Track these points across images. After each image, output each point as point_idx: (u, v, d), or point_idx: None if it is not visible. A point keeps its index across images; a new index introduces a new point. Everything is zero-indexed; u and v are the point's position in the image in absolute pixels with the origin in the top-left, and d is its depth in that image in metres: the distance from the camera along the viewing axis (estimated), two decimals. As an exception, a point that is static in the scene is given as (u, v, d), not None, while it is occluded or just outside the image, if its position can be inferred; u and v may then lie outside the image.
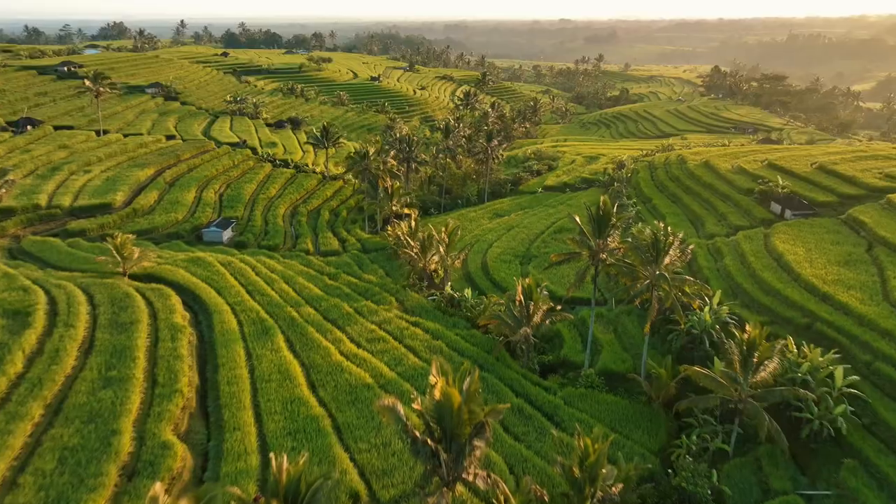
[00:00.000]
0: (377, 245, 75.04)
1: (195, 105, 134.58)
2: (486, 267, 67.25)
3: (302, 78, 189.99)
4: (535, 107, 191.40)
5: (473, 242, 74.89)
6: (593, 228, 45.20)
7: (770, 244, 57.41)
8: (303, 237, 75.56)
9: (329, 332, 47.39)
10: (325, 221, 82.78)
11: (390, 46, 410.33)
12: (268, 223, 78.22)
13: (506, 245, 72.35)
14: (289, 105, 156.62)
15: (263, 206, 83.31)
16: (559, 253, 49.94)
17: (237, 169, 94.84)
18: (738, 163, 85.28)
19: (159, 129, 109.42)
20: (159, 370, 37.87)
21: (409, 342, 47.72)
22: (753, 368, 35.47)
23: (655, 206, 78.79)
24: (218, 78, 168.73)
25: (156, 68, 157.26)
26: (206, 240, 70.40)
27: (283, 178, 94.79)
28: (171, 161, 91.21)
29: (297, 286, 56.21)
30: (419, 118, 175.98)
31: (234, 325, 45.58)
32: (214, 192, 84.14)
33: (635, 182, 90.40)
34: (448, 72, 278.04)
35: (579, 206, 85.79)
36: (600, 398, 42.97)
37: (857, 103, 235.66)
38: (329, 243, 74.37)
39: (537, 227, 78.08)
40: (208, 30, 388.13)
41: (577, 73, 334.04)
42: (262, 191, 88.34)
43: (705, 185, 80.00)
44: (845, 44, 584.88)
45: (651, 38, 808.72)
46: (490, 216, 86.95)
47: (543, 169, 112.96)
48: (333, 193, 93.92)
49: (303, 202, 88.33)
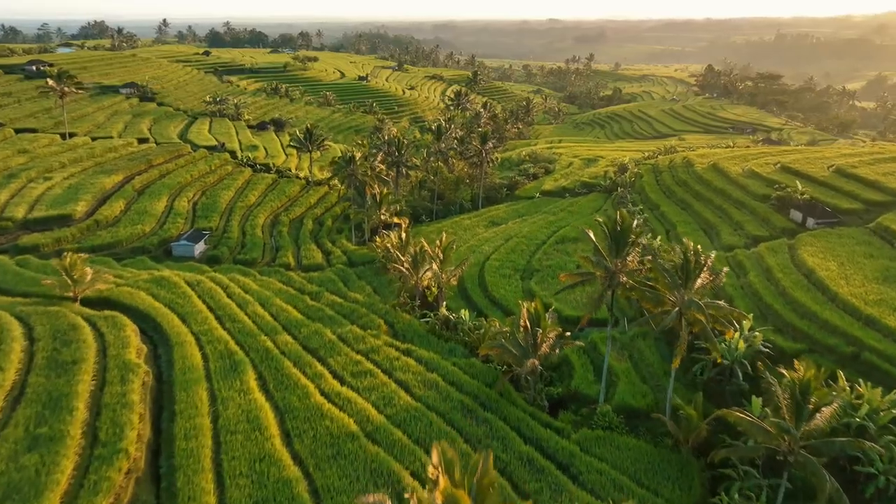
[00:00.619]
0: (364, 257, 69.06)
1: (172, 106, 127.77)
2: (483, 282, 61.51)
3: (287, 77, 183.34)
4: (527, 107, 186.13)
5: (469, 254, 69.06)
6: (609, 245, 39.57)
7: (797, 258, 52.14)
8: (283, 250, 69.38)
9: (308, 365, 41.38)
10: (309, 231, 76.60)
11: (379, 46, 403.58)
12: (245, 234, 71.97)
13: (504, 257, 66.62)
14: (272, 106, 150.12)
15: (241, 216, 77.02)
16: (570, 273, 44.16)
17: (214, 174, 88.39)
18: (748, 166, 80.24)
19: (132, 131, 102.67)
20: (102, 423, 31.71)
21: (401, 375, 41.82)
22: (808, 416, 29.99)
23: (664, 214, 73.42)
24: (198, 78, 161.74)
25: (132, 68, 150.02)
26: (176, 254, 64.07)
27: (263, 184, 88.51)
28: (141, 166, 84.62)
29: (275, 309, 50.12)
30: (409, 119, 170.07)
31: (197, 360, 39.45)
32: (188, 201, 77.74)
33: (640, 187, 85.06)
34: (438, 71, 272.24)
35: (582, 214, 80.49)
36: (621, 442, 37.32)
37: (852, 102, 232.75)
38: (312, 256, 68.26)
39: (537, 236, 72.45)
40: (192, 29, 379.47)
41: (569, 73, 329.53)
42: (240, 198, 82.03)
43: (716, 191, 74.77)
44: (833, 43, 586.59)
45: (640, 37, 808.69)
46: (486, 224, 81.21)
47: (540, 172, 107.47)
48: (318, 200, 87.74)
49: (284, 210, 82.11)
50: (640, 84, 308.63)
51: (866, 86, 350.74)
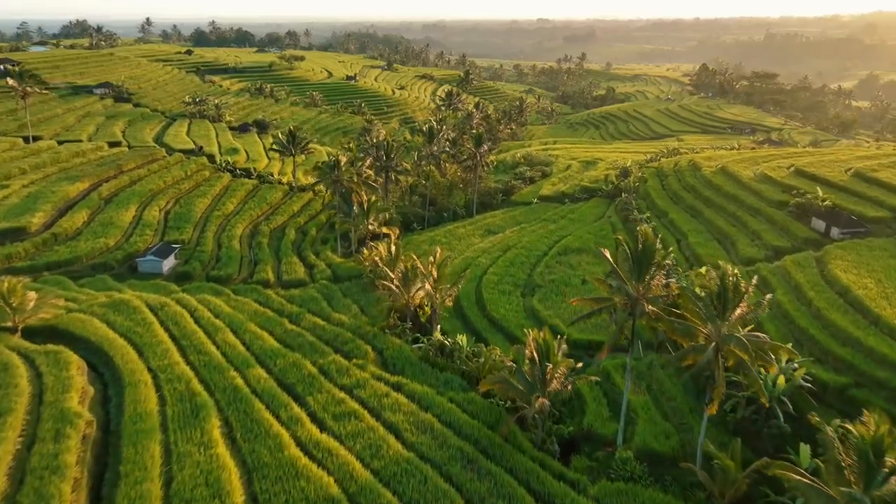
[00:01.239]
0: (351, 271, 63.50)
1: (150, 107, 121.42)
2: (481, 299, 56.16)
3: (272, 77, 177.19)
4: (521, 107, 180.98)
5: (465, 266, 63.73)
6: (631, 268, 34.36)
7: (828, 273, 47.23)
8: (262, 264, 63.64)
9: (284, 406, 35.82)
10: (291, 242, 70.88)
11: (368, 45, 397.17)
12: (221, 247, 66.13)
13: (503, 270, 61.32)
14: (256, 106, 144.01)
15: (217, 226, 71.17)
16: (582, 298, 38.87)
17: (189, 181, 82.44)
18: (760, 169, 75.52)
19: (103, 134, 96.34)
20: (23, 497, 26.00)
21: (390, 416, 36.38)
22: (881, 481, 24.88)
23: (673, 222, 68.44)
24: (178, 77, 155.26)
25: (108, 67, 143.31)
26: (142, 271, 58.17)
27: (243, 191, 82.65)
28: (110, 172, 78.53)
29: (248, 336, 44.48)
30: (398, 119, 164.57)
31: (152, 405, 33.78)
32: (159, 210, 71.79)
33: (644, 192, 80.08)
34: (428, 71, 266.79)
35: (584, 221, 75.40)
36: (646, 497, 32.04)
37: (849, 102, 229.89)
38: (293, 271, 62.56)
39: (538, 247, 67.19)
40: (177, 28, 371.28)
41: (561, 73, 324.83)
42: (216, 206, 76.15)
43: (728, 197, 69.91)
44: (822, 43, 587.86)
45: (629, 37, 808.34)
46: (482, 233, 75.87)
47: (536, 176, 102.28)
48: (301, 208, 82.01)
49: (265, 219, 76.33)
50: (633, 84, 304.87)
51: (858, 85, 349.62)
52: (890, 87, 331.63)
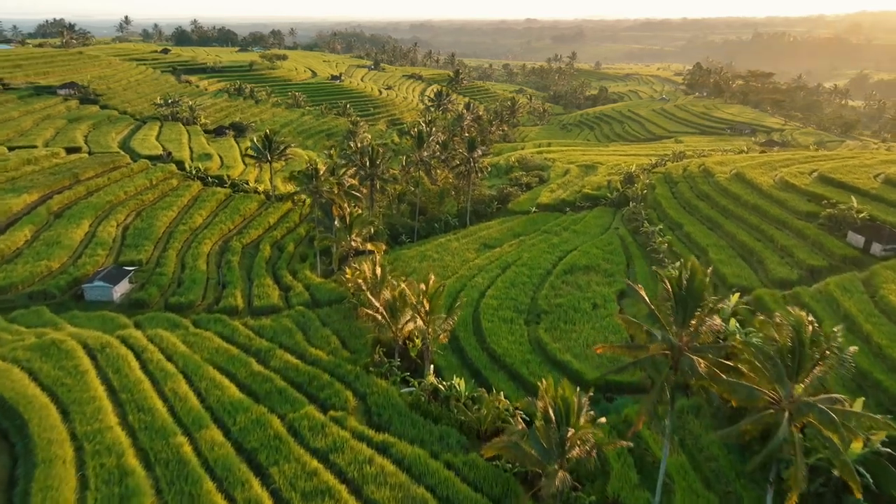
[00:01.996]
0: (331, 294, 56.32)
1: (118, 109, 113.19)
2: (479, 328, 49.21)
3: (252, 77, 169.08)
4: (512, 107, 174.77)
5: (460, 288, 56.79)
6: (675, 310, 27.62)
7: (883, 300, 40.85)
8: (231, 287, 56.23)
9: (241, 485, 28.73)
10: (265, 260, 63.50)
11: (354, 45, 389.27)
12: (185, 268, 58.62)
13: (503, 293, 54.41)
14: (235, 108, 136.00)
15: (182, 242, 63.64)
16: (611, 346, 31.90)
17: (154, 190, 74.79)
18: (780, 175, 69.39)
19: (62, 139, 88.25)
20: None
21: (373, 492, 29.47)
22: None
23: (689, 235, 61.90)
24: (153, 77, 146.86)
25: (76, 66, 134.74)
26: (90, 299, 50.59)
27: (214, 201, 75.12)
28: (65, 182, 70.74)
29: (205, 385, 37.25)
30: (385, 121, 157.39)
31: (68, 492, 26.50)
32: (117, 225, 64.17)
33: (653, 200, 73.59)
34: (416, 70, 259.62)
35: (589, 234, 68.71)
36: None
37: (845, 102, 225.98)
38: (266, 295, 55.23)
39: (540, 263, 60.39)
40: (158, 27, 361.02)
41: (551, 72, 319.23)
42: (183, 219, 68.62)
43: (748, 207, 63.55)
44: (809, 42, 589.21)
45: (617, 37, 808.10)
46: (477, 246, 68.93)
47: (533, 182, 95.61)
48: (278, 220, 74.60)
49: (237, 234, 68.86)
50: (625, 83, 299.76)
51: (849, 84, 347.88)
52: (880, 86, 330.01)
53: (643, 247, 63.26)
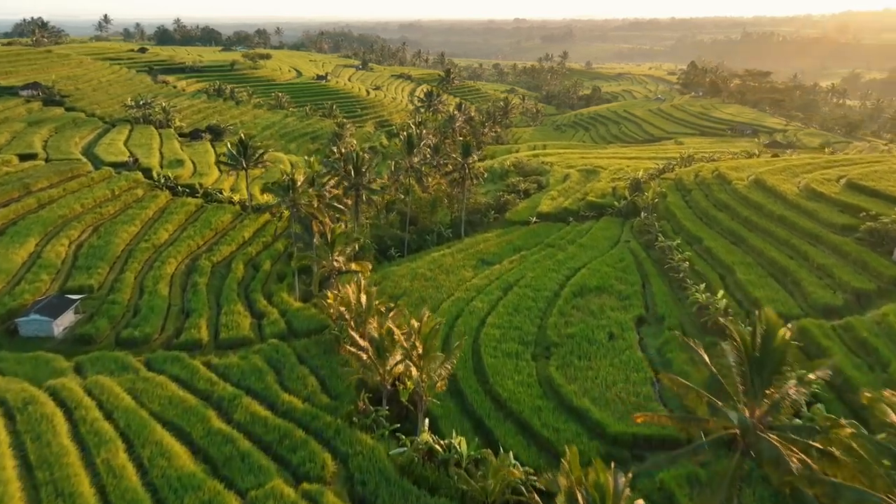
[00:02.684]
0: (311, 322, 49.58)
1: (86, 111, 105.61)
2: (480, 364, 42.64)
3: (234, 77, 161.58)
4: (505, 108, 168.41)
5: (456, 314, 50.20)
6: (744, 374, 21.18)
7: (956, 336, 34.70)
8: (196, 315, 49.24)
9: None
10: (237, 282, 56.52)
11: (342, 44, 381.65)
12: (143, 293, 51.53)
13: (506, 321, 47.87)
14: (213, 110, 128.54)
15: (143, 263, 56.54)
16: (657, 415, 25.47)
17: (116, 202, 67.58)
18: (803, 182, 63.50)
19: (18, 144, 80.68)
20: None
21: None
22: None
23: (710, 251, 55.64)
24: (126, 77, 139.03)
25: (43, 65, 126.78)
26: (25, 335, 43.44)
27: (183, 213, 68.04)
28: (13, 194, 63.41)
29: (149, 451, 30.40)
30: (373, 123, 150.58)
31: None
32: (69, 243, 56.96)
33: (666, 210, 67.39)
34: (405, 70, 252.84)
35: (597, 248, 62.33)
36: None
37: (842, 101, 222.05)
38: (236, 324, 48.34)
39: (546, 284, 53.91)
40: (141, 26, 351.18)
41: (543, 71, 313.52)
42: (146, 235, 61.50)
43: (774, 218, 57.44)
44: (798, 41, 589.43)
45: (606, 37, 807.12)
46: (474, 263, 62.34)
47: (531, 188, 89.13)
48: (254, 233, 67.64)
49: (207, 250, 61.79)
50: (618, 83, 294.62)
51: (841, 83, 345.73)
52: (872, 85, 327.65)
53: (659, 263, 57.00)
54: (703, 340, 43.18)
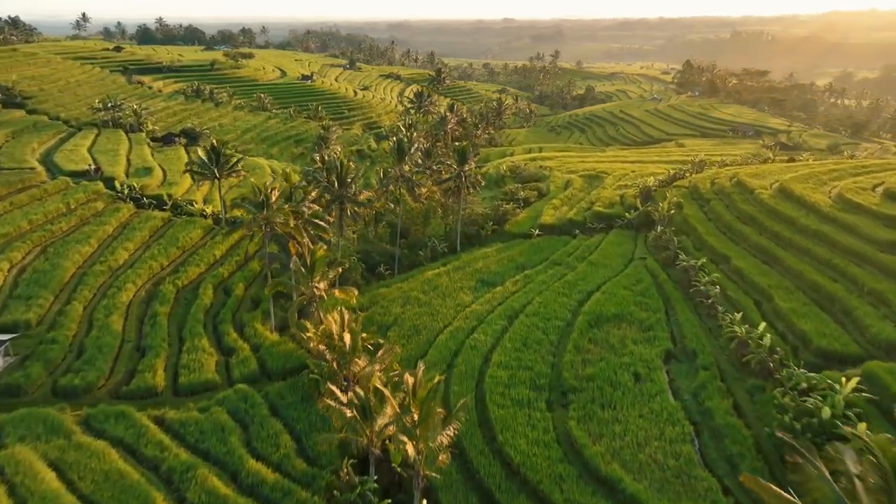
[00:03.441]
0: (288, 359, 42.88)
1: (50, 114, 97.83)
2: (485, 416, 36.07)
3: (214, 77, 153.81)
4: (499, 109, 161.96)
5: (455, 349, 43.61)
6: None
7: None
8: (153, 353, 42.23)
9: None
10: (204, 310, 49.51)
11: (329, 44, 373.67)
12: (92, 327, 44.41)
13: (513, 357, 41.34)
14: (191, 112, 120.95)
15: (95, 290, 49.38)
16: (761, 482, 18.70)
17: (71, 217, 60.27)
18: (835, 190, 57.63)
19: (-33, 152, 73.08)
20: None
21: None
22: None
23: (741, 272, 49.40)
24: (98, 78, 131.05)
25: (6, 65, 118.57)
26: (-61, 386, 36.29)
27: (147, 229, 60.86)
28: (-49, 209, 56.00)
29: (66, 559, 23.51)
30: (361, 125, 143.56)
31: None
32: (10, 267, 49.69)
33: (683, 223, 61.19)
34: (394, 70, 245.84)
35: (610, 266, 55.95)
36: None
37: (842, 101, 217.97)
38: (199, 365, 41.40)
39: (557, 311, 47.46)
40: (122, 25, 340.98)
41: (534, 71, 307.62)
42: (102, 256, 54.30)
43: (810, 234, 51.33)
44: (787, 41, 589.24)
45: (595, 36, 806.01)
46: (473, 284, 55.80)
47: (532, 196, 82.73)
48: (227, 251, 60.61)
49: (172, 272, 54.68)
50: (612, 82, 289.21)
51: (833, 83, 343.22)
52: (865, 84, 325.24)
53: (681, 285, 50.75)
54: (746, 384, 37.01)
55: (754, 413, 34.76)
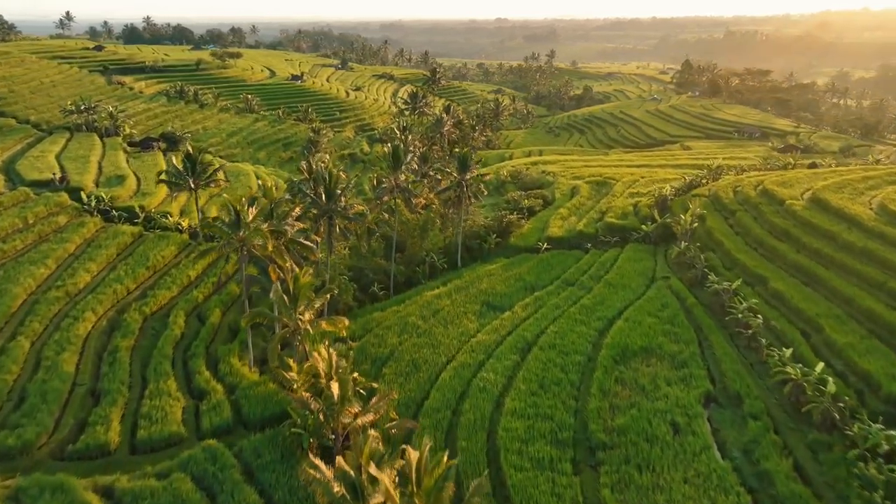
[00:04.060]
0: (267, 404, 36.92)
1: (18, 117, 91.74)
2: (500, 478, 30.27)
3: (199, 77, 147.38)
4: (496, 110, 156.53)
5: (461, 391, 37.79)
6: None
7: None
8: (108, 400, 36.16)
9: None
10: (174, 343, 43.44)
11: (321, 44, 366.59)
12: (38, 369, 38.25)
13: (530, 403, 35.51)
14: (173, 114, 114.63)
15: (47, 321, 43.20)
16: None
17: (27, 234, 54.00)
18: (875, 201, 52.29)
19: (-81, 160, 66.62)
20: None
21: None
22: None
23: (781, 296, 43.80)
24: (76, 78, 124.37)
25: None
26: None
27: (114, 247, 54.66)
28: None
29: None
30: (353, 127, 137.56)
31: None
32: (-51, 295, 43.48)
33: (708, 237, 55.59)
34: (388, 70, 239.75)
35: (630, 287, 50.24)
36: None
37: (843, 101, 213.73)
38: (163, 413, 35.35)
39: (575, 343, 41.69)
40: (108, 24, 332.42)
41: (530, 71, 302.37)
42: (59, 280, 48.09)
43: (856, 252, 45.81)
44: (781, 40, 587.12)
45: (589, 36, 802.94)
46: (477, 307, 49.96)
47: (536, 205, 76.98)
48: (203, 271, 54.50)
49: (140, 297, 48.56)
50: (609, 82, 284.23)
51: (829, 82, 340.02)
52: (862, 83, 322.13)
53: (713, 310, 45.14)
54: (806, 438, 31.35)
55: (822, 478, 29.15)
